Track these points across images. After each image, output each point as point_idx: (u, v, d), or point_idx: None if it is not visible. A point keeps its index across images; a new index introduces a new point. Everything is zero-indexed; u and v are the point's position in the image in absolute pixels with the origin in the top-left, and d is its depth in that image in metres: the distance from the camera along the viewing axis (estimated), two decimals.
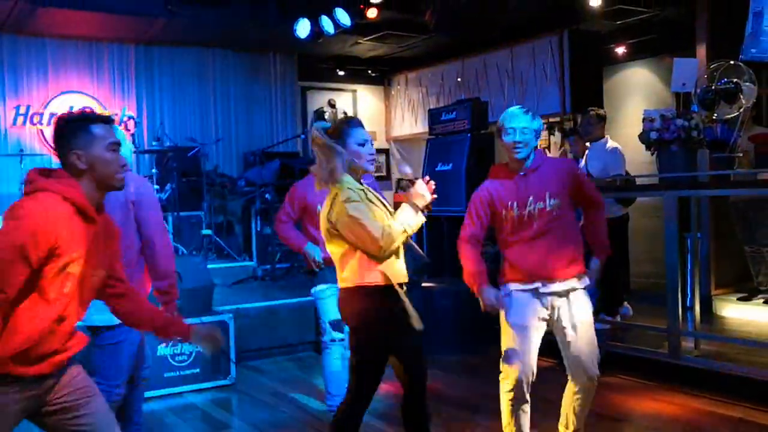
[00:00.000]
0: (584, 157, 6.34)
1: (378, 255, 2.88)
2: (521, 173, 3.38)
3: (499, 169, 3.56)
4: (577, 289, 3.38)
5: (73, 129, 2.38)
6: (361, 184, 3.04)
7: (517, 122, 3.33)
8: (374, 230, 2.83)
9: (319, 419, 4.58)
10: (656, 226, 6.93)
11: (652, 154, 5.46)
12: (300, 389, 5.26)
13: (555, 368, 3.98)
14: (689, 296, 5.39)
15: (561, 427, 3.58)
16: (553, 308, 3.38)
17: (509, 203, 3.38)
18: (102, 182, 2.40)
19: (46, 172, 2.38)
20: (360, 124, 3.12)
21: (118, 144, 2.43)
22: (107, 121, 2.45)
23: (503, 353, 3.43)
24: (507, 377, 3.44)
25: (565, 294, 3.37)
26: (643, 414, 4.41)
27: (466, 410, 4.64)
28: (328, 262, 3.76)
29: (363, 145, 3.04)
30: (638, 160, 6.83)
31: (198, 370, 5.27)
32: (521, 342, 3.38)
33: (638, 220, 7.62)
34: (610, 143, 6.15)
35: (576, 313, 3.37)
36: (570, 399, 3.50)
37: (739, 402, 4.54)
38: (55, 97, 8.98)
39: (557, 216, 3.32)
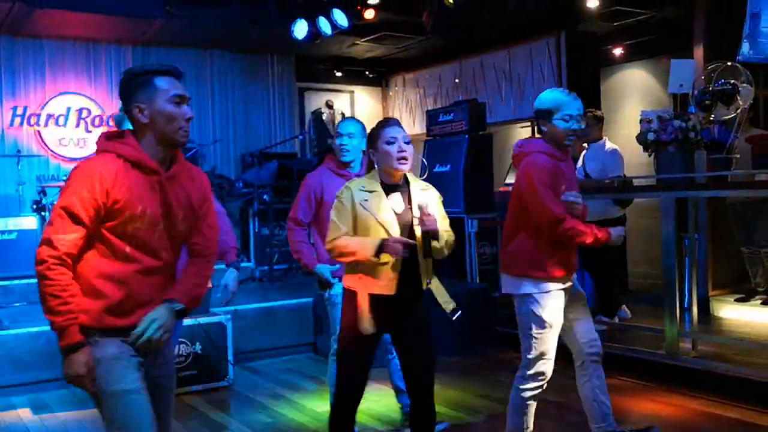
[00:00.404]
0: (581, 157, 6.35)
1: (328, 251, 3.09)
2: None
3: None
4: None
5: (137, 82, 2.34)
6: (393, 185, 3.10)
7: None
8: (331, 228, 3.06)
9: (317, 420, 4.58)
10: (654, 226, 6.94)
11: (650, 156, 5.46)
12: (298, 390, 5.26)
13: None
14: (687, 297, 5.40)
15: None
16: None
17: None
18: (164, 137, 2.34)
19: (110, 134, 2.40)
20: (392, 124, 3.14)
21: (182, 97, 2.35)
22: (172, 73, 2.38)
23: (540, 353, 3.35)
24: (540, 377, 3.38)
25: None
26: (640, 415, 4.42)
27: (463, 411, 4.64)
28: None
29: (391, 143, 3.05)
30: (636, 161, 6.84)
31: (195, 371, 5.27)
32: (554, 341, 3.38)
33: (636, 221, 7.63)
34: (609, 144, 6.16)
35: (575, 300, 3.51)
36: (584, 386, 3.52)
37: (737, 403, 4.54)
38: (53, 98, 8.97)
39: None
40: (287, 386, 5.38)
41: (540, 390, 3.39)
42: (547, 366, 3.36)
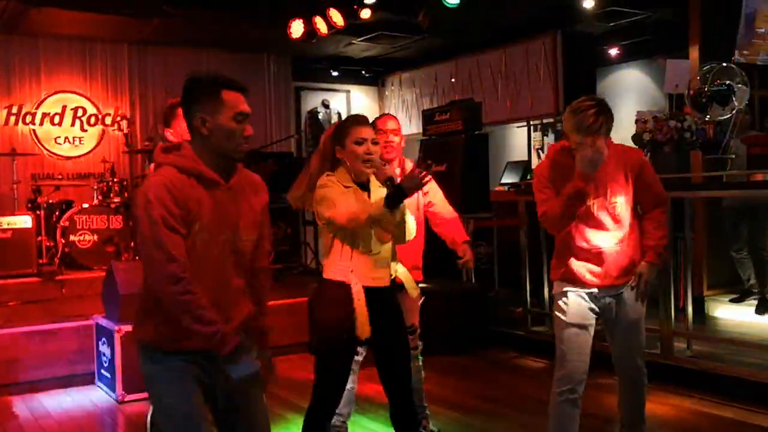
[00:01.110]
0: None
1: (346, 224, 2.86)
2: None
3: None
4: None
5: (201, 92, 2.30)
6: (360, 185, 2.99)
7: None
8: (326, 204, 2.89)
9: None
10: None
11: (645, 155, 5.48)
12: (294, 390, 5.25)
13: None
14: (682, 297, 5.41)
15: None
16: None
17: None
18: (220, 151, 2.32)
19: (167, 148, 2.38)
20: (362, 122, 3.03)
21: (245, 114, 2.32)
22: (240, 89, 2.34)
23: (565, 355, 3.25)
24: (565, 377, 3.27)
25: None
26: None
27: (459, 411, 4.64)
28: None
29: (359, 143, 2.96)
30: None
31: None
32: (579, 345, 3.27)
33: None
34: None
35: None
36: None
37: (732, 402, 4.56)
38: (48, 96, 8.95)
39: None
40: (283, 386, 5.37)
41: (570, 396, 3.19)
42: (572, 369, 3.21)
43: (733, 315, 6.35)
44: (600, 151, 2.97)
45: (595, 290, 3.21)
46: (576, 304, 3.21)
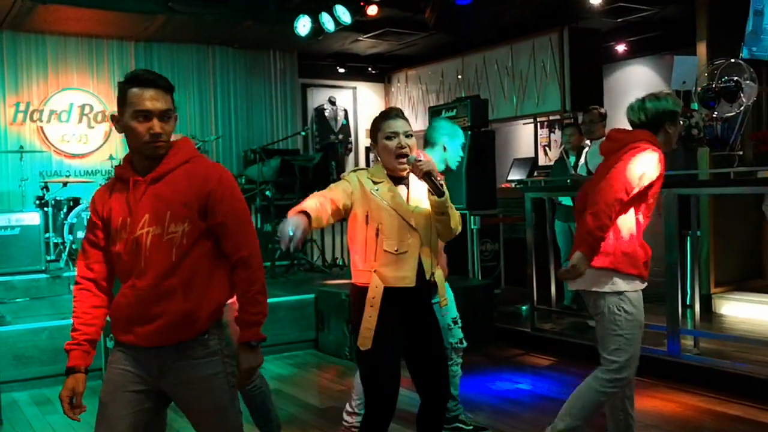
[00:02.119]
0: (583, 154, 6.35)
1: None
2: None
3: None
4: None
5: (118, 91, 2.29)
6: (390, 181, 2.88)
7: None
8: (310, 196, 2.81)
9: (319, 417, 4.58)
10: (656, 223, 6.92)
11: None
12: (300, 387, 5.27)
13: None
14: (689, 294, 5.39)
15: None
16: None
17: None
18: (135, 149, 2.31)
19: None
20: (393, 116, 2.92)
21: (145, 112, 2.23)
22: (147, 84, 2.25)
23: (633, 357, 3.18)
24: (626, 378, 3.20)
25: None
26: (642, 412, 4.41)
27: (464, 407, 4.63)
28: None
29: (391, 138, 2.87)
30: None
31: None
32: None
33: None
34: None
35: None
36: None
37: (739, 400, 4.54)
38: (55, 94, 8.97)
39: None
40: (289, 383, 5.39)
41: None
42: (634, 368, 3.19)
43: (740, 312, 6.33)
44: None
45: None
46: (641, 301, 3.15)
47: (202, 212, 2.28)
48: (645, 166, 3.09)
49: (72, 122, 9.07)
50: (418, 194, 2.92)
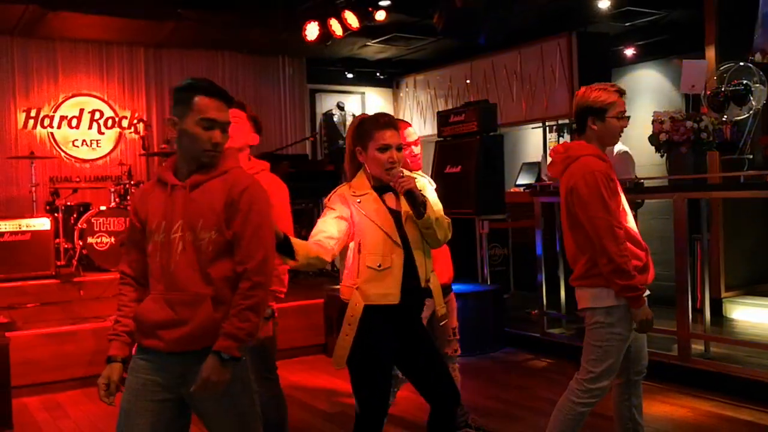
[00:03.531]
0: None
1: None
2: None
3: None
4: None
5: (178, 95, 2.37)
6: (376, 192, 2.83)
7: None
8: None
9: (327, 421, 4.58)
10: (666, 228, 6.90)
11: (662, 156, 5.45)
12: (307, 391, 5.27)
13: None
14: (700, 298, 5.37)
15: None
16: None
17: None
18: (186, 153, 2.38)
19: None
20: (387, 125, 2.82)
21: (212, 121, 2.32)
22: (216, 96, 2.36)
23: (608, 368, 3.10)
24: (602, 390, 3.14)
25: None
26: (652, 417, 4.39)
27: (472, 412, 4.62)
28: None
29: (383, 150, 2.78)
30: (648, 162, 6.81)
31: None
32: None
33: (647, 222, 7.59)
34: (619, 146, 6.12)
35: None
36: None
37: (749, 405, 4.52)
38: (66, 100, 9.03)
39: None
40: (296, 387, 5.39)
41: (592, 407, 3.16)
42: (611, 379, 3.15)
43: (751, 316, 6.30)
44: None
45: None
46: (625, 313, 3.07)
47: (227, 221, 2.32)
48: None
49: (82, 128, 9.11)
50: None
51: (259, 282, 2.30)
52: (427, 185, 3.06)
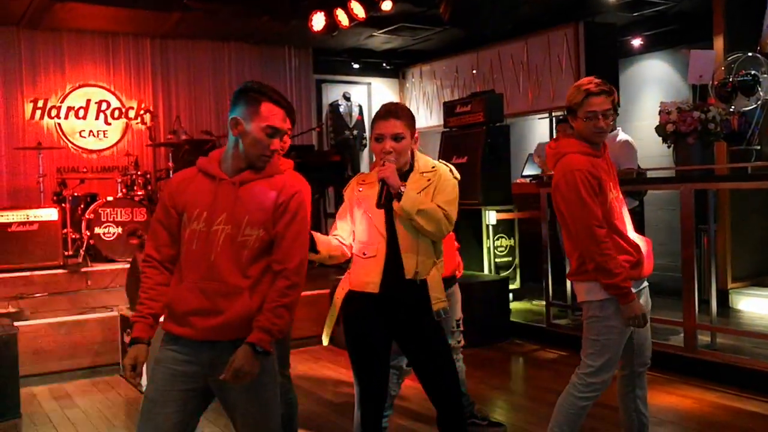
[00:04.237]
0: None
1: None
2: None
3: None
4: None
5: (246, 97, 2.44)
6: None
7: None
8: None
9: (334, 412, 4.60)
10: (672, 219, 6.90)
11: (669, 147, 5.43)
12: (313, 381, 5.29)
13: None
14: (706, 290, 5.37)
15: None
16: None
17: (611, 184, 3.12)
18: (244, 154, 2.45)
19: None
20: (384, 116, 2.86)
21: (275, 129, 2.43)
22: (283, 106, 2.46)
23: (608, 362, 3.10)
24: (603, 384, 3.14)
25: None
26: (658, 408, 4.40)
27: (479, 402, 4.64)
28: None
29: (378, 140, 2.86)
30: (654, 152, 6.79)
31: None
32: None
33: (653, 213, 7.59)
34: (621, 135, 6.09)
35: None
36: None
37: (756, 395, 4.52)
38: (73, 90, 9.04)
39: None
40: (302, 377, 5.41)
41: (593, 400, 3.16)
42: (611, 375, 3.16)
43: (758, 308, 6.29)
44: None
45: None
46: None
47: (274, 221, 2.40)
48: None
49: (89, 118, 9.13)
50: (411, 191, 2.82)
51: (296, 282, 2.39)
52: (437, 179, 3.00)
